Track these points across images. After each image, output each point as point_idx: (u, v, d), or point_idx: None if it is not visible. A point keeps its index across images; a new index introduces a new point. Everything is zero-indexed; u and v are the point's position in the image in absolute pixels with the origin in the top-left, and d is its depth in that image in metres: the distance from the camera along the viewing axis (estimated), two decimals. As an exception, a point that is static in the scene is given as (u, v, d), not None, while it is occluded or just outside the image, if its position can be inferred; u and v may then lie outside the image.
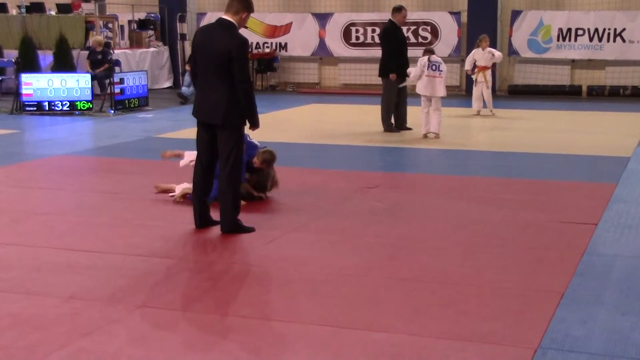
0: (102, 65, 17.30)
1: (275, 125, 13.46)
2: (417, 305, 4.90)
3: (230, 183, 6.48)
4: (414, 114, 12.62)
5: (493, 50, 15.00)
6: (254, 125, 6.56)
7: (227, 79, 6.33)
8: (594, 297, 5.01)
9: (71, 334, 4.42)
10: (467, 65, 15.05)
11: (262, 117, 6.73)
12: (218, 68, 6.33)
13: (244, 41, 6.40)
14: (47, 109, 15.14)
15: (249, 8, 6.51)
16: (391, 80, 12.63)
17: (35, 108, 15.15)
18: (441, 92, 11.90)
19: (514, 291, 5.13)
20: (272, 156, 7.77)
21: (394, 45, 12.70)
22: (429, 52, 12.19)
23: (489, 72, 14.88)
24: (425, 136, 11.98)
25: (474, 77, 14.93)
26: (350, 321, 4.62)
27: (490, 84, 14.96)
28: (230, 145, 6.42)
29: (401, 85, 12.54)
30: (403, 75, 12.67)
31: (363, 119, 14.06)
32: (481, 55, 14.82)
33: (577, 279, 5.36)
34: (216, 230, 6.58)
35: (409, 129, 12.73)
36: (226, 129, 6.40)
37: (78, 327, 4.52)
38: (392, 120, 12.77)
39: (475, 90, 14.95)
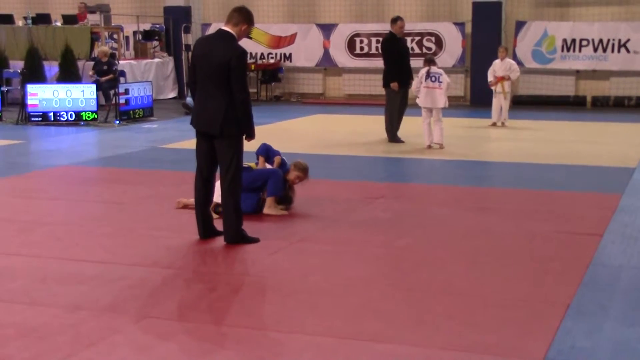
0: (107, 76, 17.35)
1: (280, 136, 13.46)
2: (422, 316, 4.89)
3: (232, 193, 6.48)
4: (415, 125, 12.62)
5: (512, 64, 14.98)
6: (250, 136, 6.58)
7: (226, 89, 6.36)
8: (600, 308, 5.00)
9: (75, 344, 4.42)
10: (490, 77, 14.99)
11: (267, 128, 6.76)
12: (216, 78, 6.36)
13: (242, 52, 6.42)
14: (52, 119, 15.18)
15: (249, 20, 6.51)
16: (393, 90, 12.67)
17: (40, 118, 15.19)
18: (441, 103, 11.90)
19: (519, 302, 5.12)
20: (306, 166, 7.94)
21: (393, 56, 12.79)
22: (429, 61, 12.16)
23: (507, 83, 14.83)
24: (429, 147, 11.98)
25: (493, 88, 14.89)
26: (355, 332, 4.61)
27: (508, 95, 14.92)
28: (229, 155, 6.43)
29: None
30: (405, 85, 12.73)
31: (368, 129, 14.07)
32: (499, 65, 14.84)
33: (582, 290, 5.34)
34: (220, 241, 6.58)
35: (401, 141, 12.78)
36: (224, 139, 6.42)
37: (82, 338, 4.52)
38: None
39: (495, 102, 14.89)
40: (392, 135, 12.80)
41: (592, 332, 4.60)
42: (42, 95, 15.25)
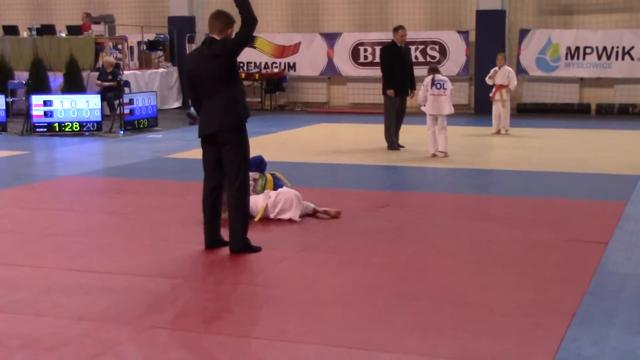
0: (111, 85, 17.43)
1: (284, 145, 13.48)
2: (427, 325, 4.88)
3: (240, 201, 6.48)
4: (419, 133, 12.62)
5: (511, 72, 14.97)
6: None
7: (225, 87, 6.39)
8: (606, 317, 4.98)
9: (81, 355, 4.42)
10: (488, 80, 15.01)
11: (271, 137, 6.78)
12: (215, 80, 6.38)
13: (228, 39, 6.44)
14: (57, 130, 15.21)
15: (232, 22, 6.55)
16: (390, 97, 12.73)
17: (45, 129, 15.23)
18: (447, 110, 11.92)
19: (524, 311, 5.10)
20: None
21: (389, 63, 12.87)
22: (434, 70, 12.20)
23: (505, 91, 14.83)
24: (433, 155, 11.98)
25: (491, 97, 14.89)
26: (361, 342, 4.60)
27: (507, 103, 14.92)
28: (237, 162, 6.43)
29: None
30: (402, 92, 12.78)
31: (372, 138, 14.07)
32: (499, 73, 14.85)
33: (588, 299, 5.33)
34: (226, 251, 6.57)
35: (401, 146, 12.80)
36: (230, 145, 6.40)
37: (88, 349, 4.51)
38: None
39: (494, 110, 14.93)
40: (390, 142, 12.84)
41: (598, 340, 4.58)
42: (47, 106, 15.28)
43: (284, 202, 7.68)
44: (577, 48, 19.17)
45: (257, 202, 7.67)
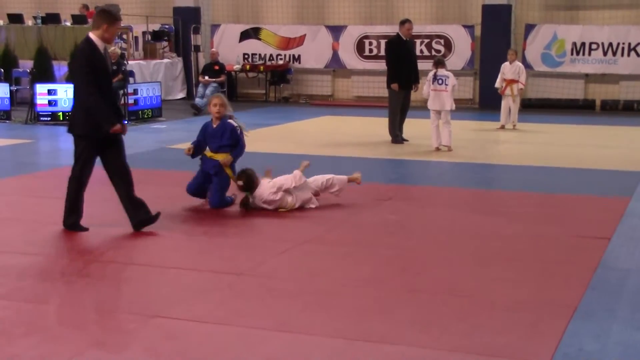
0: (116, 76, 17.42)
1: (288, 137, 13.48)
2: (429, 317, 4.89)
3: (71, 184, 6.92)
4: (423, 127, 12.62)
5: (521, 67, 14.95)
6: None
7: (75, 91, 6.81)
8: (608, 311, 4.99)
9: (84, 343, 4.44)
10: (497, 83, 14.98)
11: (275, 129, 6.77)
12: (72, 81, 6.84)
13: (76, 52, 6.79)
14: (61, 119, 15.22)
15: (107, 19, 6.66)
16: (394, 91, 12.74)
17: (49, 118, 15.24)
18: (448, 105, 11.91)
19: (526, 305, 5.11)
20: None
21: (395, 57, 12.88)
22: (438, 63, 12.15)
23: (516, 86, 14.81)
24: (437, 149, 11.98)
25: (501, 91, 14.88)
26: (363, 333, 4.61)
27: (518, 98, 14.90)
28: (77, 152, 6.84)
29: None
30: (407, 86, 12.78)
31: (376, 131, 14.07)
32: (509, 68, 14.83)
33: (590, 293, 5.33)
34: (231, 240, 6.59)
35: (405, 140, 12.81)
36: (75, 138, 6.84)
37: (91, 337, 4.53)
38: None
39: (504, 104, 14.90)
40: (394, 135, 12.84)
41: (599, 334, 4.59)
42: (51, 94, 15.29)
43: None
44: (583, 44, 19.11)
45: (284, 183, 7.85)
